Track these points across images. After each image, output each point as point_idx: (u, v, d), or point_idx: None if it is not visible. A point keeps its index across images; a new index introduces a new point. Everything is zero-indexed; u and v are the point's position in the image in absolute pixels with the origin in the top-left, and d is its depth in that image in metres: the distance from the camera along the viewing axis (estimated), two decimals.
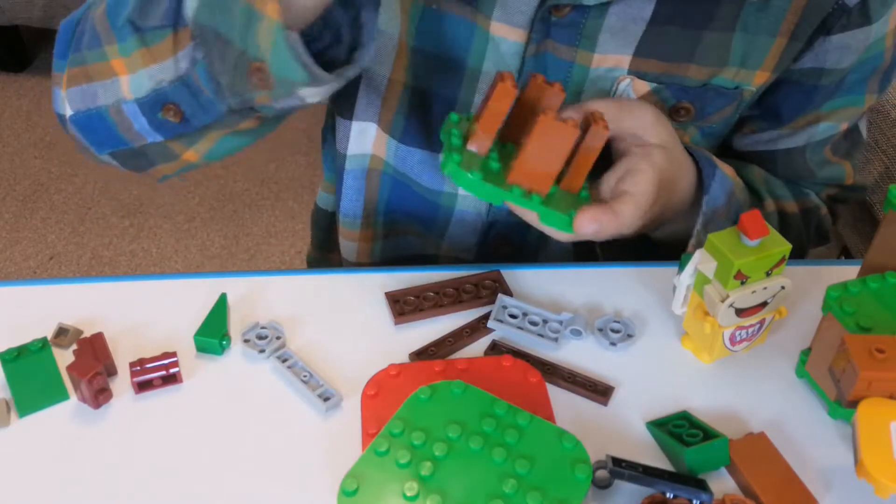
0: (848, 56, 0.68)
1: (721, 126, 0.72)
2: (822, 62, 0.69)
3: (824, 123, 0.74)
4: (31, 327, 0.57)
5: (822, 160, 0.77)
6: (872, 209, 1.32)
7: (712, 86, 0.67)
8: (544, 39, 0.63)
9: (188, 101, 0.57)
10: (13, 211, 1.87)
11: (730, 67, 0.66)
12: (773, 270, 0.53)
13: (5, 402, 0.52)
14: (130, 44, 0.57)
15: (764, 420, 0.54)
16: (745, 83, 0.68)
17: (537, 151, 0.53)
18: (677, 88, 0.65)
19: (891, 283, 0.54)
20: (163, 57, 0.56)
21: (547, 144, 0.53)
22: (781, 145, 0.76)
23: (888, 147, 1.32)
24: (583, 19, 0.62)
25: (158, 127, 0.59)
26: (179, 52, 0.55)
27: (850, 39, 0.67)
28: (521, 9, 0.62)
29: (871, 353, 0.47)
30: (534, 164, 0.54)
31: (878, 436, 0.45)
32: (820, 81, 0.70)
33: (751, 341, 0.57)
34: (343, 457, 0.50)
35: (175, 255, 1.81)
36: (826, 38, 0.67)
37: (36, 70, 2.26)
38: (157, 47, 0.56)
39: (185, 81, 0.56)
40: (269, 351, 0.56)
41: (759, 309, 0.55)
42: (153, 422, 0.52)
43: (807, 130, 0.74)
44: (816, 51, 0.68)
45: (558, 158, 0.54)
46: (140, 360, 0.54)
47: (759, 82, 0.68)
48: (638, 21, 0.62)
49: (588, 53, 0.63)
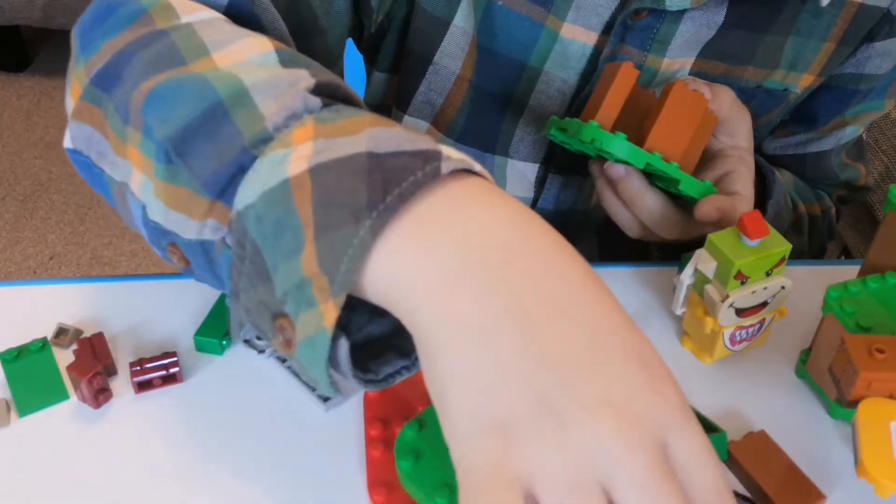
0: (887, 62, 0.70)
1: (764, 129, 0.73)
2: (862, 68, 0.70)
3: (850, 127, 0.75)
4: (31, 327, 0.57)
5: (842, 163, 0.79)
6: (872, 209, 1.32)
7: (764, 88, 0.68)
8: (619, 43, 0.63)
9: (201, 265, 0.42)
10: (13, 211, 1.87)
11: (780, 70, 0.67)
12: (773, 270, 0.53)
13: (5, 402, 0.52)
14: (156, 160, 0.41)
15: (764, 420, 0.54)
16: (793, 86, 0.69)
17: (672, 118, 0.55)
18: (736, 89, 0.66)
19: (891, 283, 0.54)
20: (187, 211, 0.40)
21: (681, 112, 0.55)
22: (812, 148, 0.77)
23: (888, 147, 1.32)
24: (657, 24, 0.62)
25: (160, 249, 0.44)
26: (209, 220, 0.39)
27: (892, 46, 0.68)
28: (597, 12, 0.62)
29: (871, 353, 0.47)
30: (668, 131, 0.55)
31: (878, 436, 0.45)
32: (858, 87, 0.71)
33: (751, 341, 0.57)
34: (343, 457, 0.50)
35: None
36: (870, 44, 0.68)
37: (36, 70, 2.26)
38: (184, 194, 0.40)
39: (205, 249, 0.40)
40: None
41: (759, 309, 0.55)
42: (153, 422, 0.52)
43: (834, 134, 0.75)
44: (859, 57, 0.69)
45: (691, 126, 0.56)
46: (140, 360, 0.54)
47: (805, 85, 0.69)
48: (711, 25, 0.63)
49: (658, 58, 0.64)
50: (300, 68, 0.41)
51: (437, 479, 0.44)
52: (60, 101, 2.12)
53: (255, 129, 0.38)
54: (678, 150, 0.56)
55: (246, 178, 0.37)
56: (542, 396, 0.30)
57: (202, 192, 0.39)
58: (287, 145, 0.36)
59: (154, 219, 0.42)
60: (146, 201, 0.42)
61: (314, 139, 0.36)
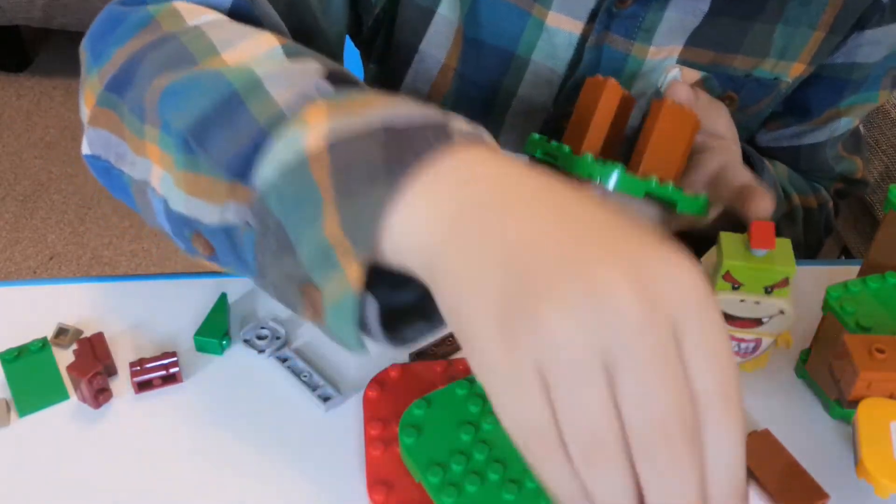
0: (878, 51, 0.69)
1: (755, 119, 0.72)
2: (853, 57, 0.69)
3: (845, 118, 0.74)
4: (31, 327, 0.57)
5: (837, 155, 0.78)
6: (872, 209, 1.32)
7: (754, 76, 0.67)
8: (604, 31, 0.63)
9: (224, 250, 0.42)
10: (13, 211, 1.87)
11: (770, 59, 0.66)
12: (774, 290, 0.52)
13: (5, 402, 0.52)
14: (175, 151, 0.42)
15: (764, 419, 0.54)
16: (783, 74, 0.68)
17: (663, 140, 0.53)
18: (725, 77, 0.65)
19: (891, 283, 0.54)
20: (208, 197, 0.41)
21: (672, 132, 0.54)
22: (806, 140, 0.76)
23: (888, 147, 1.32)
24: (643, 12, 0.62)
25: (183, 241, 0.45)
26: (230, 202, 0.40)
27: (882, 35, 0.68)
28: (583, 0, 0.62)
29: (871, 353, 0.47)
30: (661, 153, 0.54)
31: (878, 436, 0.45)
32: (851, 76, 0.71)
33: (745, 358, 0.56)
34: (343, 457, 0.50)
35: (175, 255, 1.81)
36: (860, 32, 0.67)
37: (36, 70, 2.26)
38: (205, 180, 0.41)
39: (228, 232, 0.41)
40: (269, 351, 0.56)
41: (753, 325, 0.54)
42: (153, 422, 0.52)
43: (828, 126, 0.75)
44: (850, 45, 0.68)
45: (683, 142, 0.54)
46: (140, 360, 0.54)
47: (795, 74, 0.69)
48: (697, 13, 0.63)
49: (644, 46, 0.64)
50: (308, 60, 0.42)
51: (433, 457, 0.46)
52: (60, 102, 2.12)
53: (271, 112, 0.39)
54: (673, 169, 0.55)
55: (265, 158, 0.38)
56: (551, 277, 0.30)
57: (222, 175, 0.40)
58: (303, 124, 0.37)
59: (176, 209, 0.43)
60: (167, 195, 0.43)
61: (328, 116, 0.37)
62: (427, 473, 0.45)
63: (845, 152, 0.79)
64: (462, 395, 0.50)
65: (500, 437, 0.48)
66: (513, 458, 0.47)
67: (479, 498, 0.45)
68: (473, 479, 0.45)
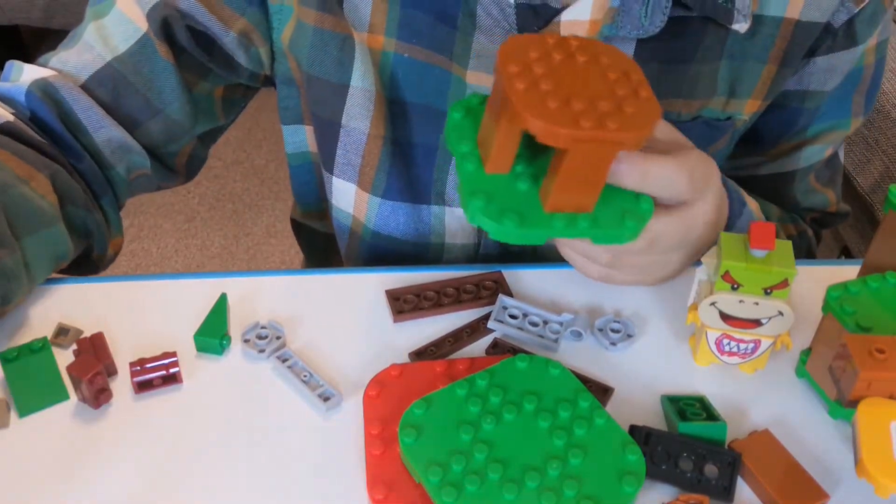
0: (833, 78, 0.67)
1: (716, 158, 0.71)
2: (805, 84, 0.67)
3: (809, 148, 0.72)
4: (31, 327, 0.57)
5: (808, 188, 0.76)
6: (872, 209, 1.32)
7: (703, 118, 0.65)
8: None
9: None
10: None
11: (719, 97, 0.64)
12: (773, 291, 0.52)
13: (5, 402, 0.52)
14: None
15: (764, 419, 0.54)
16: (737, 112, 0.66)
17: (573, 176, 0.45)
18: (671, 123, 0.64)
19: (891, 283, 0.54)
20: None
21: (584, 169, 0.45)
22: (764, 171, 0.74)
23: (888, 147, 1.31)
24: None
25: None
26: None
27: (836, 61, 0.66)
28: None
29: (871, 353, 0.47)
30: (575, 182, 0.46)
31: (878, 436, 0.45)
32: (803, 104, 0.69)
33: (744, 359, 0.56)
34: (343, 457, 0.50)
35: (175, 255, 1.81)
36: (811, 59, 0.66)
37: None
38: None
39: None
40: (269, 351, 0.56)
41: (752, 326, 0.54)
42: (153, 422, 0.52)
43: (791, 156, 0.73)
44: (801, 73, 0.67)
45: (602, 171, 0.46)
46: (140, 360, 0.54)
47: (752, 111, 0.67)
48: None
49: None
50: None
51: (433, 457, 0.46)
52: None
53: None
54: (592, 195, 0.47)
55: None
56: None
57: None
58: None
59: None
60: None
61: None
62: (427, 473, 0.45)
63: (819, 184, 0.76)
64: (462, 395, 0.50)
65: (500, 437, 0.48)
66: (513, 458, 0.47)
67: (479, 498, 0.45)
68: (473, 479, 0.45)
